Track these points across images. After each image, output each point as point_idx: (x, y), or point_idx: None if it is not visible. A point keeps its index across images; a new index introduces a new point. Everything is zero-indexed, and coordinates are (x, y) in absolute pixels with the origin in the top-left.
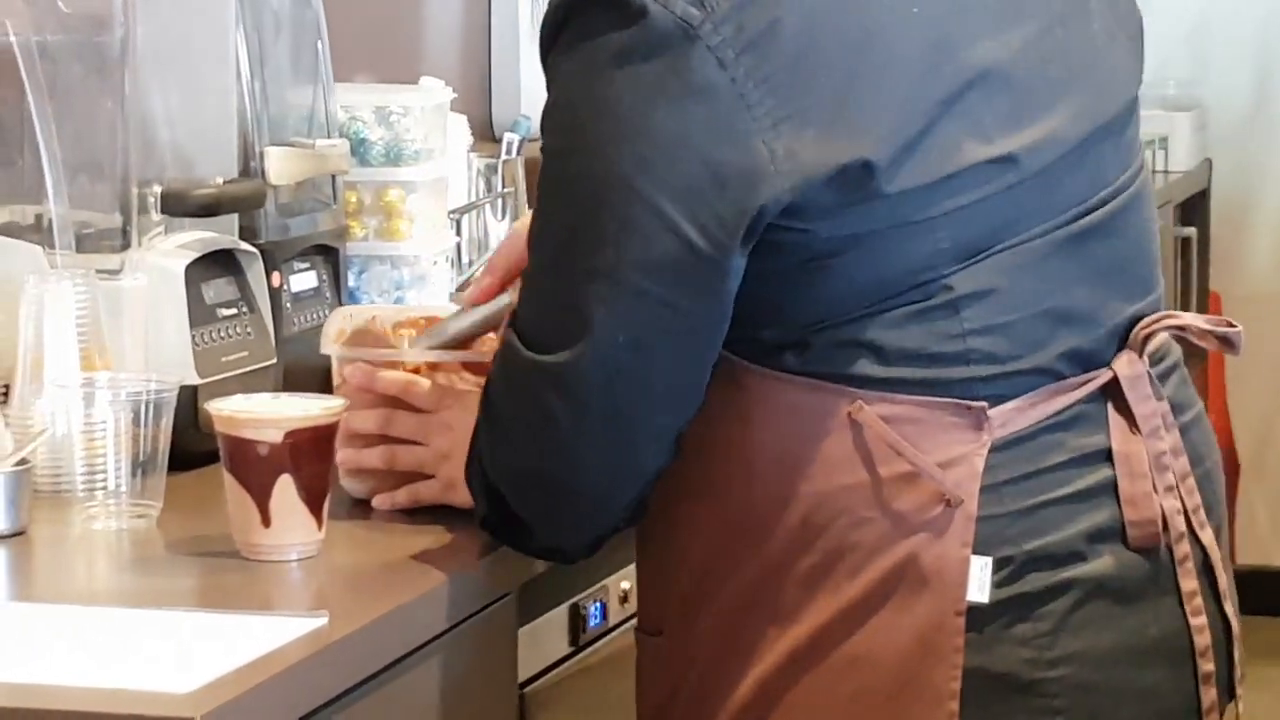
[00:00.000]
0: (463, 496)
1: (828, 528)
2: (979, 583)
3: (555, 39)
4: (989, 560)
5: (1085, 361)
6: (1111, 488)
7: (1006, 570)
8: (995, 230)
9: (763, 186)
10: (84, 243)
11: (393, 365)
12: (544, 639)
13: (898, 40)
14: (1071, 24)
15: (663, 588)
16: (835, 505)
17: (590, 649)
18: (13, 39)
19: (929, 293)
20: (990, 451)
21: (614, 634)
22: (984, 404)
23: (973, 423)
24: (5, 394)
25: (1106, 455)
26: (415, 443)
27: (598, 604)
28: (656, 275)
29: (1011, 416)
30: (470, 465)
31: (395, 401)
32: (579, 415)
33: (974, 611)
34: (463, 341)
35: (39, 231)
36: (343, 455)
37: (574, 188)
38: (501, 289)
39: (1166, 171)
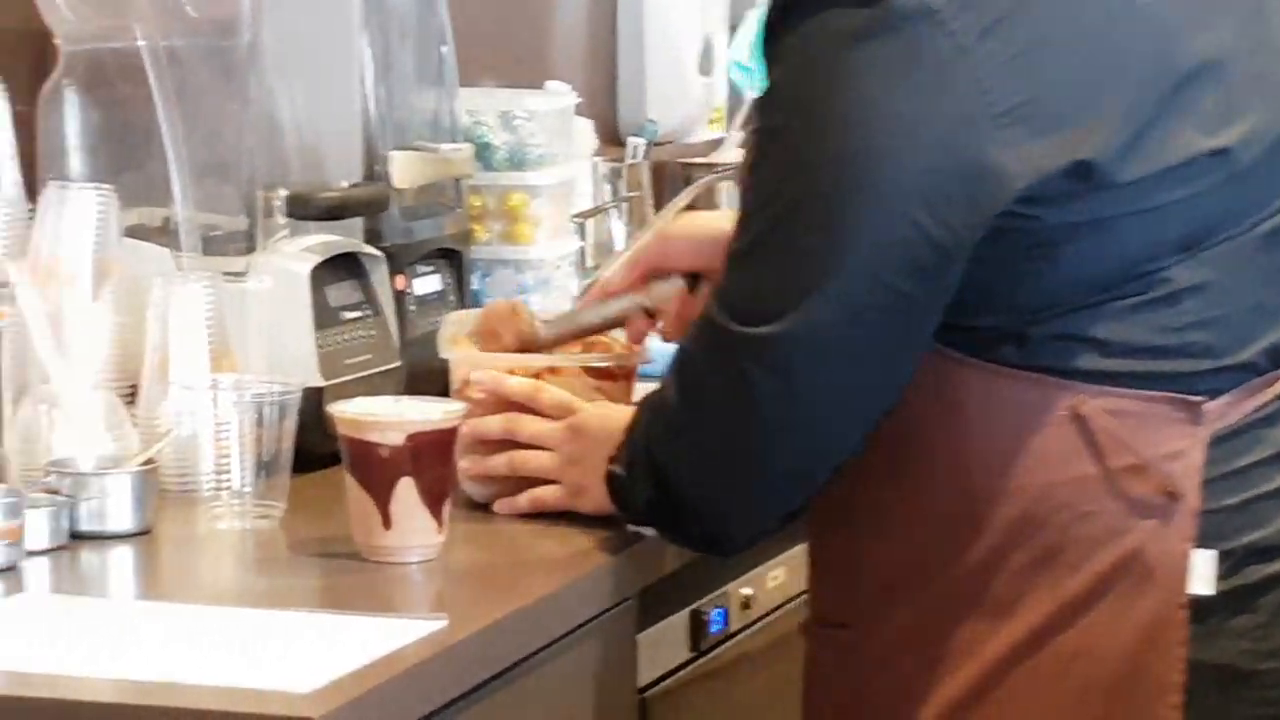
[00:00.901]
0: (590, 502)
1: (1047, 522)
2: (1203, 575)
3: (785, 17)
4: (1215, 553)
5: (1276, 357)
6: None
7: (1228, 563)
8: (1212, 223)
9: (997, 174)
10: (210, 245)
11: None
12: (665, 644)
13: (1129, 31)
14: (1264, 15)
15: (848, 580)
16: (1056, 499)
17: (711, 655)
18: (141, 43)
19: (1149, 285)
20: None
21: (735, 640)
22: (1202, 398)
23: (1191, 417)
24: (132, 395)
25: None
26: (541, 448)
27: (719, 610)
28: (882, 258)
29: (1224, 411)
30: (629, 451)
31: (520, 406)
32: (781, 389)
33: (1197, 604)
34: (588, 332)
35: (166, 234)
36: (467, 460)
37: (800, 165)
38: (640, 285)
39: None
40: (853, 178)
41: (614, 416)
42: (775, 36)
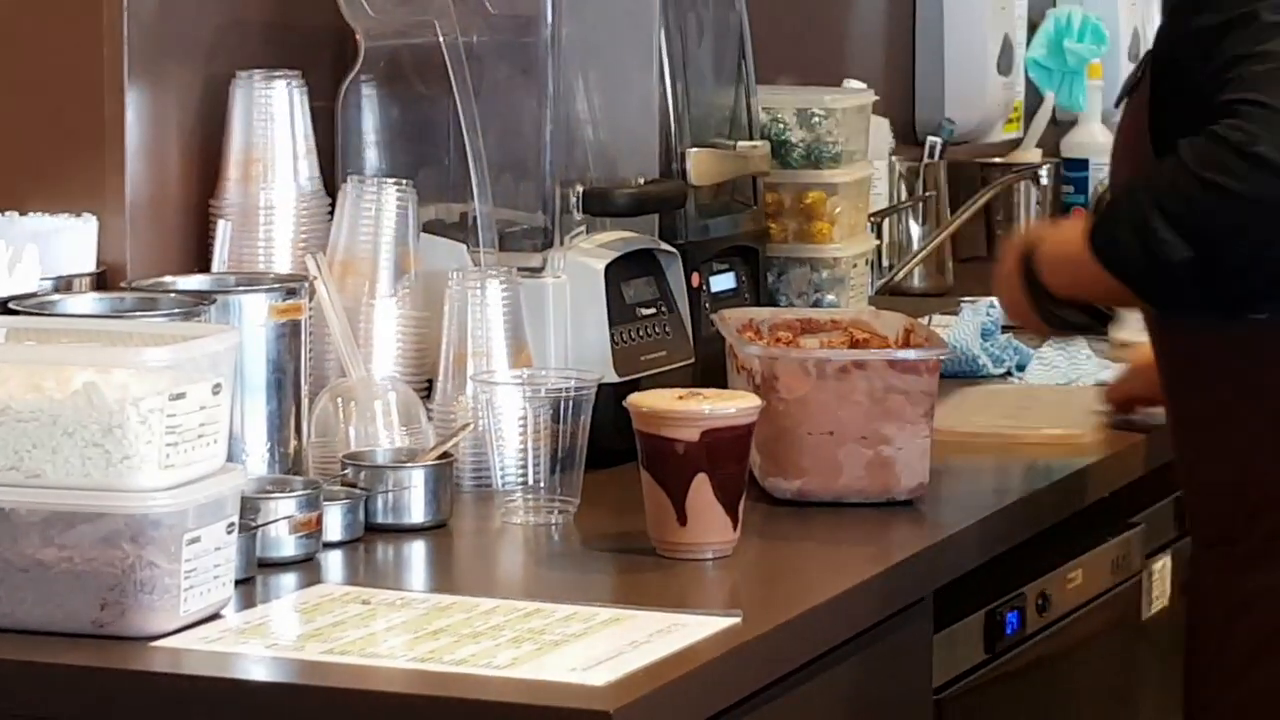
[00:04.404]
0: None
1: None
2: None
3: None
4: None
5: None
6: None
7: None
8: None
9: None
10: (507, 241)
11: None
12: (959, 645)
13: None
14: None
15: (1226, 495)
16: None
17: (1006, 657)
18: (441, 39)
19: None
20: None
21: (1031, 642)
22: None
23: None
24: (429, 389)
25: None
26: None
27: (1014, 612)
28: None
29: None
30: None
31: None
32: None
33: None
34: None
35: (463, 229)
36: None
37: None
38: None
39: None
40: None
41: None
42: None
